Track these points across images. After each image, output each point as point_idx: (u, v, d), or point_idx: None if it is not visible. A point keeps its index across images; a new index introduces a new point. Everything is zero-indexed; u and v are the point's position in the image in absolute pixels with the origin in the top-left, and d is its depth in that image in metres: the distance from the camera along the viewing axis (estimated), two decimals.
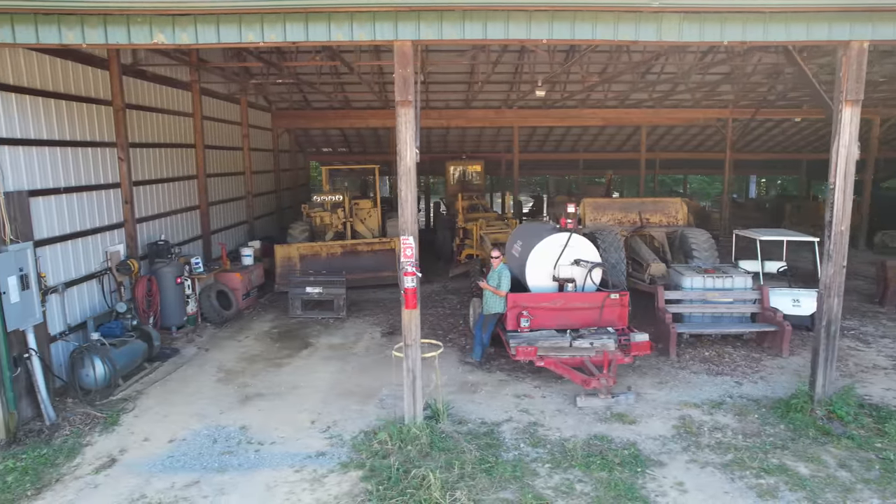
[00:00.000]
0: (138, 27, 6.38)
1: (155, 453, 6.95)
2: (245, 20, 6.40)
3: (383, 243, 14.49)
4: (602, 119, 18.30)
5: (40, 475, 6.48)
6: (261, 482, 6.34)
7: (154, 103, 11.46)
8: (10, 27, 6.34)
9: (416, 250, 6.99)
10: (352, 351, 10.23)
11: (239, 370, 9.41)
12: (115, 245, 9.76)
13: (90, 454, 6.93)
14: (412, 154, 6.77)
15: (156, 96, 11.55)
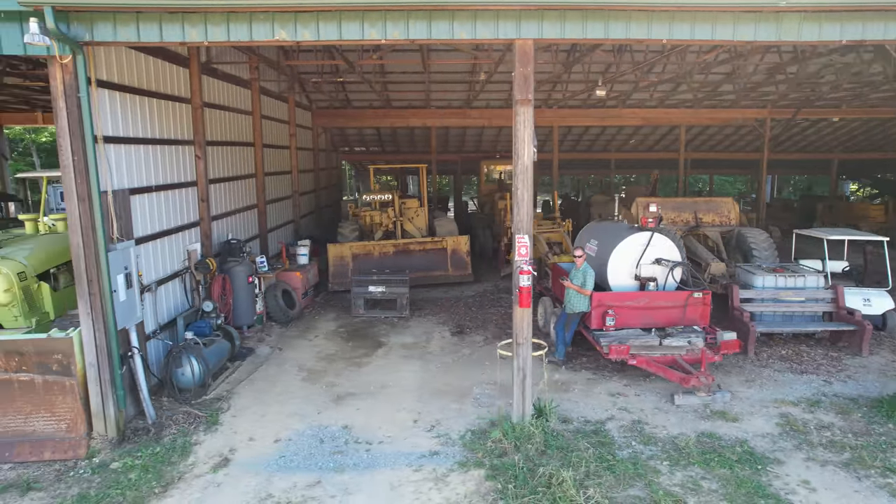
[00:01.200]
0: (260, 24, 6.37)
1: (265, 453, 6.94)
2: (368, 17, 6.39)
3: (435, 242, 14.49)
4: (642, 119, 18.35)
5: (161, 473, 6.47)
6: (383, 481, 6.33)
7: (221, 101, 11.41)
8: (136, 25, 6.33)
9: (531, 249, 7.00)
10: (427, 350, 10.22)
11: (320, 370, 9.40)
12: (192, 244, 9.72)
13: (202, 453, 6.91)
14: (529, 153, 6.78)
15: (222, 94, 11.50)
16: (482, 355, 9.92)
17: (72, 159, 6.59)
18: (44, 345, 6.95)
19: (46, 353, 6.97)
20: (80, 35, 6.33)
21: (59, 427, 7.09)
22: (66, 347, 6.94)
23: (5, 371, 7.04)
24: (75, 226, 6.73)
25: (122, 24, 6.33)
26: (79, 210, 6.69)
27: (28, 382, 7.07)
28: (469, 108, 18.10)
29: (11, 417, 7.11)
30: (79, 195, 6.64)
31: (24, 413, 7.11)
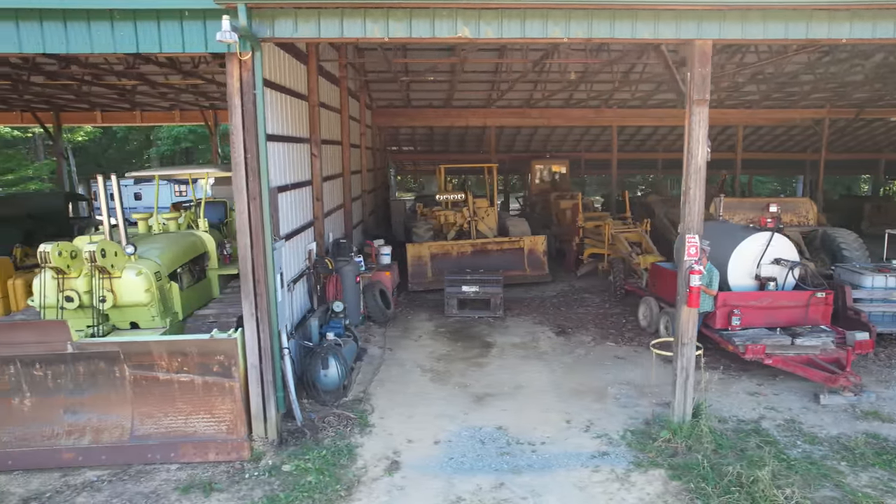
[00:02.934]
0: (443, 21, 6.31)
1: (430, 455, 6.88)
2: (552, 16, 6.35)
3: (512, 242, 14.45)
4: (673, 118, 18.35)
5: (337, 476, 6.39)
6: (566, 482, 6.29)
7: (323, 99, 11.33)
8: (317, 21, 6.26)
9: (699, 249, 6.98)
10: (540, 350, 10.18)
11: (443, 370, 9.34)
12: (310, 244, 9.64)
13: (368, 455, 6.84)
14: (703, 152, 6.76)
15: (323, 92, 11.41)
16: (598, 355, 9.89)
17: (244, 157, 6.51)
18: (207, 346, 6.86)
19: (209, 353, 6.88)
20: (261, 32, 6.26)
21: (220, 428, 7.00)
22: (229, 348, 6.85)
23: (167, 371, 6.96)
24: (244, 225, 6.66)
25: (303, 21, 6.27)
26: (248, 209, 6.61)
27: (188, 383, 6.98)
28: (529, 107, 18.08)
29: (172, 418, 7.02)
30: (249, 194, 6.57)
31: (184, 414, 7.02)
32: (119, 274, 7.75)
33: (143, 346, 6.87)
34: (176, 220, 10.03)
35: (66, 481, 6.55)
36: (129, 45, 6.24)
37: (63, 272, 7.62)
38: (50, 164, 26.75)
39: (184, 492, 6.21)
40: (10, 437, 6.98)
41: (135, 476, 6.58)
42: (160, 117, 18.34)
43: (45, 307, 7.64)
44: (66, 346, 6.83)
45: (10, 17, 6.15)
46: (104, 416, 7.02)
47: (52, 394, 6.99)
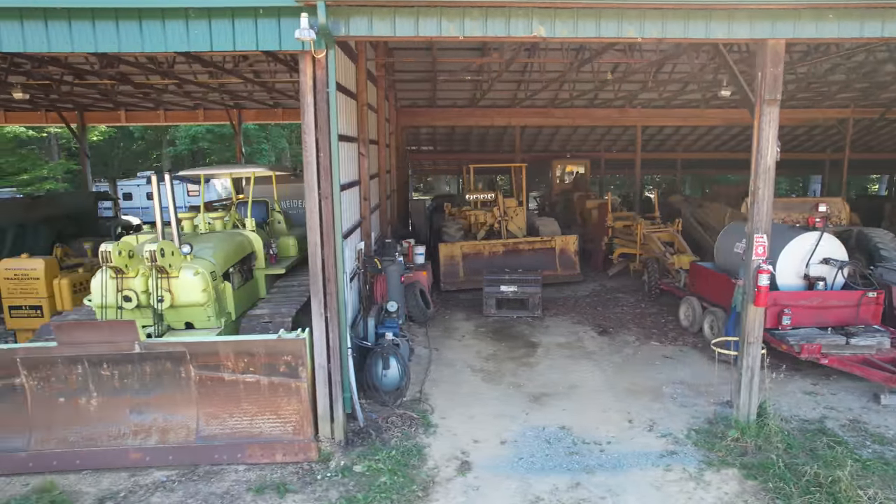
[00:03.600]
0: (519, 20, 6.30)
1: (499, 455, 6.86)
2: (626, 16, 6.33)
3: (544, 242, 14.43)
4: (723, 119, 18.40)
5: (411, 477, 6.37)
6: (641, 481, 6.27)
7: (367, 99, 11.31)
8: (392, 20, 6.24)
9: (768, 249, 6.97)
10: (587, 350, 10.16)
11: (493, 370, 9.32)
12: (359, 243, 9.61)
13: (437, 455, 6.82)
14: (773, 152, 6.75)
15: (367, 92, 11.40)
16: (646, 355, 9.88)
17: (316, 156, 6.48)
18: (275, 346, 6.82)
19: (276, 354, 6.84)
20: (336, 30, 6.23)
21: (286, 429, 6.97)
22: (296, 349, 6.81)
23: (233, 372, 6.93)
24: (315, 224, 6.62)
25: (378, 19, 6.25)
26: (320, 208, 6.59)
27: (254, 384, 6.95)
28: (554, 107, 18.07)
29: (238, 419, 6.99)
30: (321, 193, 6.54)
31: (249, 415, 6.99)
32: (176, 274, 7.70)
33: (210, 347, 6.84)
34: (222, 220, 9.98)
35: (135, 481, 6.52)
36: (203, 42, 6.20)
37: (122, 272, 7.59)
38: (64, 163, 26.68)
39: (257, 492, 6.18)
40: (77, 436, 6.95)
41: (204, 477, 6.55)
42: (183, 116, 18.30)
43: (105, 307, 7.59)
44: (134, 345, 6.80)
45: (87, 17, 6.11)
46: (170, 416, 7.00)
47: (119, 394, 6.96)
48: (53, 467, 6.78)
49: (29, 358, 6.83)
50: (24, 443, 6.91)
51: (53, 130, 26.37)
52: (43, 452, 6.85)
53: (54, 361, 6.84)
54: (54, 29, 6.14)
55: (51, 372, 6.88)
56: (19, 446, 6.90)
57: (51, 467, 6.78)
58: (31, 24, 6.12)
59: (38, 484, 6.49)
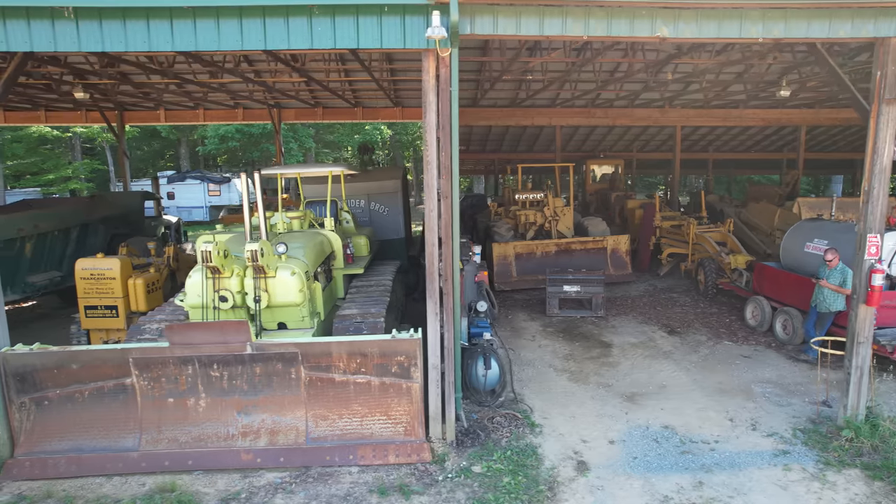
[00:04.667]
0: (643, 20, 6.29)
1: (612, 454, 6.85)
2: (748, 16, 6.34)
3: (596, 242, 14.43)
4: (762, 119, 18.43)
5: (532, 477, 6.36)
6: (764, 481, 6.26)
7: None
8: (517, 19, 6.22)
9: (881, 249, 6.98)
10: (662, 349, 10.16)
11: (576, 370, 9.31)
12: None
13: (551, 455, 6.81)
14: (890, 152, 6.75)
15: None
16: (723, 355, 9.88)
17: (436, 155, 6.46)
18: (389, 346, 6.80)
19: (389, 354, 6.82)
20: (462, 29, 6.20)
21: (397, 430, 6.95)
22: (410, 349, 6.79)
23: (344, 373, 6.89)
24: (433, 223, 6.61)
25: (503, 18, 6.23)
26: (439, 207, 6.56)
27: (364, 384, 6.92)
28: (594, 107, 18.07)
29: (347, 420, 6.97)
30: (441, 192, 6.51)
31: (359, 416, 6.96)
32: (273, 273, 7.65)
33: (323, 348, 6.81)
34: (300, 220, 9.92)
35: (250, 482, 6.48)
36: (327, 40, 6.17)
37: (219, 271, 7.54)
38: (89, 163, 26.57)
39: (381, 494, 6.14)
40: (187, 437, 6.91)
41: (318, 479, 6.51)
42: (222, 115, 18.19)
43: (205, 307, 7.54)
44: (246, 346, 6.77)
45: (211, 16, 6.08)
46: (278, 417, 6.96)
47: (227, 394, 6.92)
48: (165, 467, 6.74)
49: (141, 358, 6.79)
50: (134, 442, 6.88)
51: (79, 130, 26.26)
52: (155, 452, 6.82)
53: (166, 362, 6.81)
54: (159, 28, 6.10)
55: (161, 372, 6.85)
56: (130, 446, 6.87)
57: (163, 467, 6.74)
58: (138, 22, 6.09)
59: (157, 483, 6.45)
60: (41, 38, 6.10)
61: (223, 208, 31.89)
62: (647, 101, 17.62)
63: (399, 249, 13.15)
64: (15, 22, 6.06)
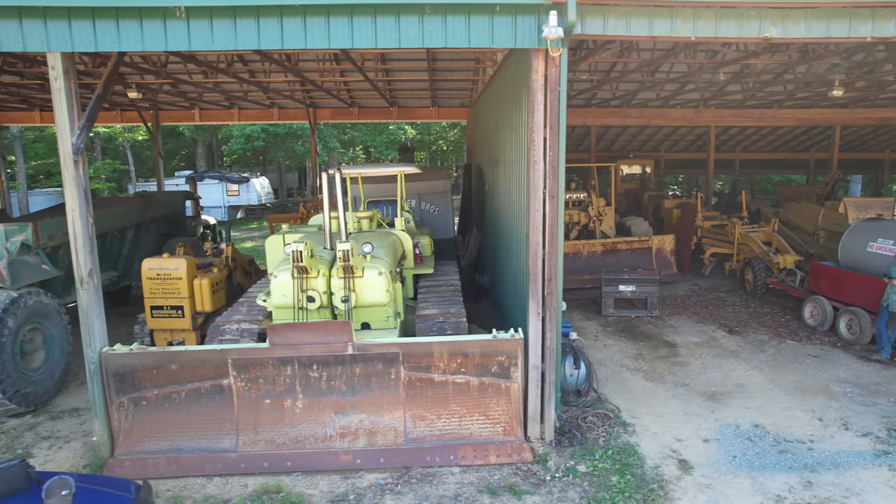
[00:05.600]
0: (751, 20, 6.30)
1: (711, 453, 6.85)
2: (857, 15, 6.35)
3: (642, 241, 14.45)
4: (797, 119, 18.48)
5: (640, 476, 6.36)
6: (874, 481, 6.27)
7: None
8: (626, 20, 6.23)
9: None
10: (728, 349, 10.17)
11: (649, 369, 9.32)
12: None
13: (651, 454, 6.81)
14: None
15: None
16: (790, 354, 9.90)
17: (544, 155, 6.46)
18: (490, 346, 6.79)
19: (490, 354, 6.81)
20: (573, 29, 6.20)
21: (495, 430, 6.94)
22: (511, 349, 6.78)
23: (444, 373, 6.88)
24: (538, 223, 6.60)
25: (613, 18, 6.23)
26: (545, 207, 6.56)
27: (463, 385, 6.92)
28: (629, 107, 18.10)
29: (446, 420, 6.95)
30: (548, 191, 6.51)
31: (458, 416, 6.95)
32: (361, 273, 7.63)
33: (425, 348, 6.80)
34: (369, 220, 9.90)
35: (352, 483, 6.47)
36: (438, 39, 6.17)
37: (307, 271, 7.52)
38: (111, 163, 26.44)
39: (493, 494, 6.14)
40: (284, 438, 6.89)
41: (422, 479, 6.50)
42: (257, 115, 18.14)
43: (295, 307, 7.50)
44: (347, 346, 6.76)
45: (322, 13, 6.06)
46: (376, 418, 6.94)
47: (325, 395, 6.91)
48: (264, 469, 6.73)
49: (240, 359, 6.77)
50: (231, 444, 6.86)
51: (101, 130, 26.12)
52: (253, 454, 6.80)
53: (265, 363, 6.79)
54: (268, 26, 6.09)
55: (259, 373, 6.83)
56: (228, 447, 6.85)
57: (262, 468, 6.72)
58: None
59: (261, 485, 6.43)
60: (152, 38, 6.07)
61: (240, 208, 31.82)
62: (684, 101, 17.65)
63: (449, 249, 13.14)
64: (128, 22, 6.04)
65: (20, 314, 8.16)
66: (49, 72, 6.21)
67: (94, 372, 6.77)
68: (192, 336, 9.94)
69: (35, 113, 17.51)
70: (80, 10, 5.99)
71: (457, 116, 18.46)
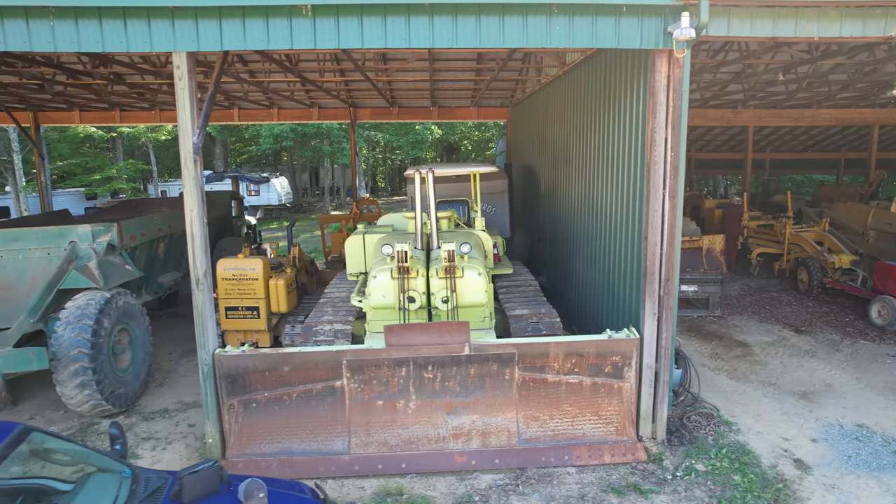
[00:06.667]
0: (875, 20, 6.31)
1: (823, 453, 6.86)
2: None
3: (692, 241, 14.40)
4: (835, 119, 18.56)
5: (760, 475, 6.37)
6: None
7: None
8: (750, 21, 6.23)
9: None
10: (802, 349, 10.18)
11: (730, 368, 9.34)
12: None
13: (764, 454, 6.82)
14: None
15: None
16: (867, 354, 9.93)
17: (664, 155, 6.45)
18: (606, 346, 6.79)
19: (605, 354, 6.82)
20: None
21: (608, 430, 6.95)
22: (627, 349, 6.79)
23: (557, 373, 6.88)
24: (657, 223, 6.60)
25: (737, 19, 6.23)
26: (664, 207, 6.56)
27: (575, 385, 6.92)
28: None
29: (558, 420, 6.95)
30: (668, 191, 6.51)
31: (570, 416, 6.95)
32: (461, 274, 7.61)
33: (541, 348, 6.79)
34: (447, 220, 9.88)
35: (471, 484, 6.45)
36: (564, 39, 6.15)
37: (408, 272, 7.49)
38: (134, 163, 26.31)
39: (619, 494, 6.14)
40: (396, 440, 6.87)
41: (541, 479, 6.49)
42: (296, 114, 18.07)
43: (403, 307, 7.47)
44: (465, 347, 6.74)
45: (449, 13, 6.04)
46: (489, 419, 6.92)
47: (438, 396, 6.88)
48: (379, 471, 6.70)
49: (355, 360, 6.74)
50: (343, 445, 6.83)
51: (124, 130, 25.97)
52: (367, 455, 6.77)
53: (380, 364, 6.76)
54: (395, 24, 6.07)
55: (374, 374, 6.80)
56: (340, 449, 6.82)
57: (376, 471, 6.70)
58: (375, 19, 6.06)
59: (381, 487, 6.41)
60: (277, 37, 6.04)
61: (259, 209, 31.71)
62: (724, 101, 17.69)
63: (507, 249, 13.11)
64: (254, 21, 6.00)
65: (113, 315, 8.11)
66: (174, 71, 6.17)
67: (207, 374, 6.72)
68: (265, 337, 9.89)
69: (75, 113, 17.42)
70: (207, 10, 5.95)
71: (496, 116, 18.44)
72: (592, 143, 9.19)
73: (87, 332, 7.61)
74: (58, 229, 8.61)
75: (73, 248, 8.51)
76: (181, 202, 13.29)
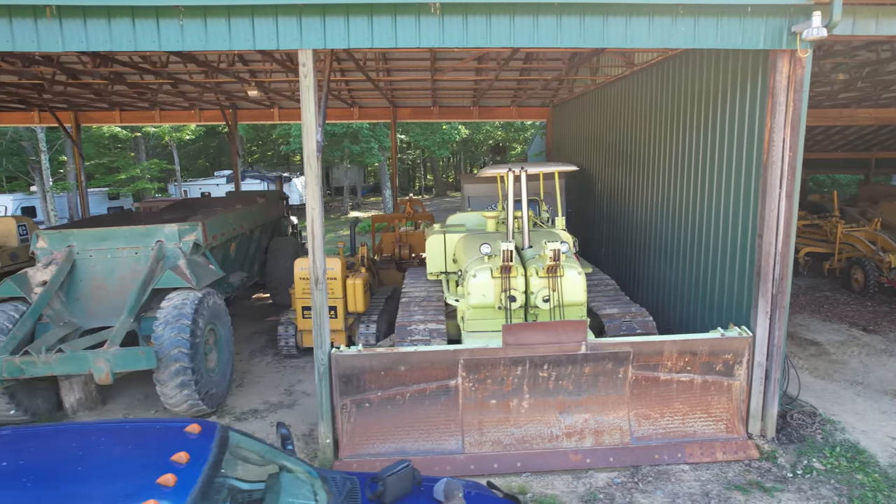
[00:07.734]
0: None
1: None
2: None
3: None
4: (875, 118, 18.62)
5: (883, 474, 6.40)
6: None
7: None
8: (875, 20, 6.25)
9: None
10: (877, 347, 10.19)
11: (811, 367, 9.36)
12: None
13: (878, 453, 6.84)
14: None
15: None
16: None
17: (783, 155, 6.48)
18: (719, 345, 6.82)
19: (718, 353, 6.84)
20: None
21: (718, 428, 6.97)
22: (739, 347, 6.82)
23: (669, 371, 6.90)
24: (772, 223, 6.63)
25: (861, 18, 6.24)
26: (779, 206, 6.58)
27: (686, 383, 6.94)
28: None
29: (669, 418, 6.97)
30: (785, 192, 6.53)
31: (680, 414, 6.98)
32: (562, 273, 7.61)
33: (656, 346, 6.80)
34: (495, 220, 9.92)
35: (589, 483, 6.47)
36: (687, 39, 6.16)
37: (510, 271, 7.50)
38: (158, 163, 26.21)
39: (743, 492, 6.16)
40: (509, 439, 6.88)
41: (657, 477, 6.51)
42: (337, 114, 18.02)
43: (510, 307, 7.46)
44: (581, 346, 6.74)
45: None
46: (601, 417, 6.94)
47: (552, 395, 6.90)
48: (495, 470, 6.71)
49: (472, 359, 6.73)
50: (457, 445, 6.83)
51: (150, 130, 25.87)
52: (481, 454, 6.78)
53: (496, 363, 6.76)
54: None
55: (489, 373, 6.80)
56: (454, 448, 6.82)
57: (492, 470, 6.70)
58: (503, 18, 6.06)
59: (503, 486, 6.39)
60: (405, 35, 6.03)
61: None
62: None
63: None
64: (382, 19, 5.99)
65: (206, 315, 8.09)
66: (300, 69, 6.15)
67: (322, 374, 6.71)
68: (342, 336, 9.89)
69: (115, 112, 17.34)
70: (335, 8, 5.93)
71: (536, 116, 18.49)
72: (679, 143, 9.19)
73: (185, 331, 7.59)
74: (145, 228, 8.59)
75: (160, 248, 8.50)
76: (232, 201, 13.29)
